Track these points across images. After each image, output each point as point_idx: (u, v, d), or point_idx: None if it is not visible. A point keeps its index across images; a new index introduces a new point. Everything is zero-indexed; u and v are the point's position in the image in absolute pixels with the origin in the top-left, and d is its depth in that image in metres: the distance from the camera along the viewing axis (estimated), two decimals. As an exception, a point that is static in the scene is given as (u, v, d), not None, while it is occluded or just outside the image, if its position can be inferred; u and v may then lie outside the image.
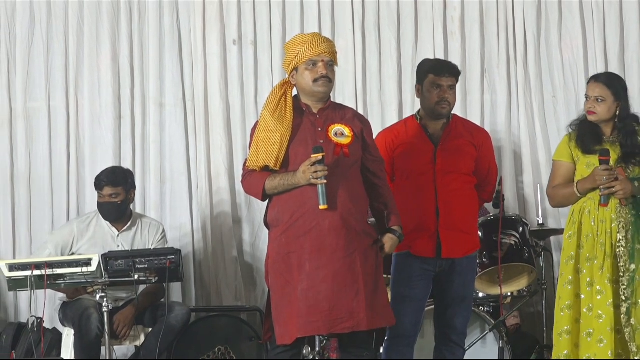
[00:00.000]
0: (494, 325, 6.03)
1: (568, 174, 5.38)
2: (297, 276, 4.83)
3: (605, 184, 5.18)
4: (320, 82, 4.89)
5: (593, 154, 5.27)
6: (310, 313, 4.78)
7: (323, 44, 4.90)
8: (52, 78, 7.11)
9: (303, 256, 4.83)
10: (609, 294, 5.16)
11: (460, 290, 5.35)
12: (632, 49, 7.04)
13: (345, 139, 4.90)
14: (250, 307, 6.87)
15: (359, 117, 5.07)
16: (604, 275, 5.18)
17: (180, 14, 7.15)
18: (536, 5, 7.09)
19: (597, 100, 5.29)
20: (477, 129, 5.57)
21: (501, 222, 5.97)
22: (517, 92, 7.11)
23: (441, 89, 5.32)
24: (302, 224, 4.84)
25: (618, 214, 5.23)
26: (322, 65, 4.88)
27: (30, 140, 7.09)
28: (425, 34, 7.14)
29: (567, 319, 5.24)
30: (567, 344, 5.22)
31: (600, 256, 5.20)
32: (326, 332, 4.83)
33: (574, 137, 5.37)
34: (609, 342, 5.13)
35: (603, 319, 5.15)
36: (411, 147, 5.37)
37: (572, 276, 5.26)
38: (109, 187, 6.21)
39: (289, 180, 4.84)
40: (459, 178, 5.32)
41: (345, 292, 4.79)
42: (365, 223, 4.94)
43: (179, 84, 7.13)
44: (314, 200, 4.81)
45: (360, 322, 4.79)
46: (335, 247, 4.81)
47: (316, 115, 4.96)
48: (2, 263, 5.69)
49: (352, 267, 4.82)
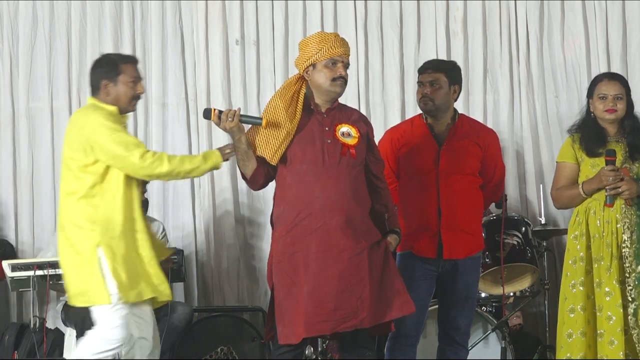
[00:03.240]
0: (496, 325, 6.03)
1: (572, 175, 5.35)
2: (303, 276, 4.82)
3: (611, 185, 5.17)
4: (338, 82, 4.92)
5: (598, 156, 5.25)
6: (316, 314, 4.77)
7: (345, 46, 4.96)
8: (54, 78, 7.12)
9: (309, 256, 4.82)
10: (617, 295, 5.13)
11: (464, 290, 5.34)
12: (634, 49, 7.03)
13: (352, 140, 4.91)
14: (252, 307, 6.86)
15: (363, 119, 5.09)
16: (612, 276, 5.15)
17: (183, 14, 7.15)
18: (539, 5, 7.08)
19: (617, 98, 5.26)
20: (484, 130, 5.55)
21: (504, 222, 5.97)
22: (520, 91, 7.10)
23: (422, 86, 5.32)
24: (309, 224, 4.84)
25: (623, 214, 5.21)
26: (342, 66, 4.92)
27: (32, 141, 7.09)
28: (427, 34, 7.14)
29: (581, 321, 5.18)
30: (582, 346, 5.18)
31: (607, 257, 5.18)
32: (330, 332, 4.82)
33: (577, 138, 5.34)
34: (620, 343, 5.11)
35: (613, 320, 5.12)
36: (415, 146, 5.37)
37: (584, 277, 5.24)
38: None
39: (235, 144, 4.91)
40: (463, 178, 5.31)
41: (350, 292, 4.79)
42: (369, 223, 4.94)
43: (182, 84, 7.13)
44: (320, 200, 4.82)
45: (363, 321, 4.79)
46: (342, 247, 4.81)
47: (324, 115, 4.97)
48: (5, 263, 5.70)
49: (359, 267, 4.81)
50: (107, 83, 4.96)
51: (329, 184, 4.84)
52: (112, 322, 4.83)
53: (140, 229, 4.92)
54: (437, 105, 5.32)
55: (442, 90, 5.33)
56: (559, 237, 6.88)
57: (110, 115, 4.91)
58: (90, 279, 4.83)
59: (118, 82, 4.96)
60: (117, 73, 4.96)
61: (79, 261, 4.86)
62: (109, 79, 4.96)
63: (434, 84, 5.32)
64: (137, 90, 5.00)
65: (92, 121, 4.88)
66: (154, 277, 4.92)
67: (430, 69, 5.36)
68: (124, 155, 4.82)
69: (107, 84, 4.96)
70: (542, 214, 6.64)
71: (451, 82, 5.36)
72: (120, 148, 4.83)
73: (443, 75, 5.34)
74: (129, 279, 4.82)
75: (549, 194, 5.54)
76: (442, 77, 5.33)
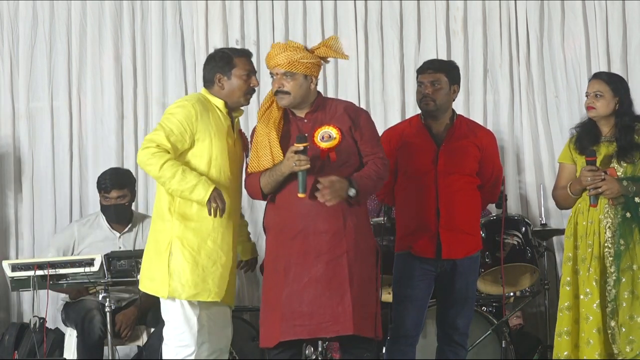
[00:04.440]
0: (495, 326, 6.02)
1: (570, 175, 5.39)
2: (283, 280, 4.85)
3: (591, 184, 5.19)
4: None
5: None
6: (292, 317, 4.81)
7: (270, 58, 4.94)
8: (54, 78, 7.12)
9: (290, 260, 4.86)
10: (595, 296, 5.18)
11: (463, 290, 5.34)
12: (634, 49, 7.03)
13: (332, 142, 4.84)
14: (252, 307, 6.86)
15: (349, 111, 4.99)
16: (591, 276, 5.20)
17: (183, 14, 7.16)
18: (539, 5, 7.08)
19: (596, 95, 5.30)
20: (482, 130, 5.56)
21: (504, 222, 5.96)
22: (520, 92, 7.10)
23: (423, 86, 5.32)
24: (290, 228, 4.87)
25: (606, 214, 5.24)
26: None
27: (32, 140, 7.10)
28: (427, 34, 7.14)
29: (567, 320, 5.25)
30: (567, 345, 5.24)
31: (588, 257, 5.23)
32: (307, 337, 4.85)
33: (574, 138, 5.39)
34: (595, 343, 5.15)
35: (589, 320, 5.18)
36: (414, 146, 5.36)
37: (571, 277, 5.28)
38: (115, 190, 6.18)
39: (276, 170, 4.85)
40: (461, 179, 5.31)
41: (329, 297, 4.79)
42: (360, 224, 4.91)
43: (182, 84, 7.13)
44: (300, 205, 4.83)
45: (347, 327, 4.78)
46: (319, 252, 4.82)
47: (303, 120, 4.95)
48: (5, 263, 5.71)
49: (337, 271, 4.81)
50: (220, 77, 4.97)
51: (308, 190, 4.82)
52: (177, 327, 4.88)
53: (225, 225, 4.90)
54: (439, 105, 5.32)
55: (443, 91, 5.33)
56: (559, 237, 6.88)
57: (198, 104, 4.89)
58: (158, 269, 4.87)
59: (232, 75, 4.96)
60: (231, 67, 4.96)
61: (154, 248, 4.92)
62: (223, 73, 4.97)
63: (435, 84, 5.31)
64: (251, 84, 5.00)
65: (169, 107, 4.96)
66: (222, 280, 4.91)
67: (431, 69, 5.35)
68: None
69: (220, 78, 4.97)
70: (542, 214, 6.65)
71: (451, 82, 5.37)
72: (151, 134, 4.86)
73: (444, 75, 5.34)
74: (192, 277, 4.84)
75: (549, 194, 5.57)
76: (443, 77, 5.33)
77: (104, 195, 6.22)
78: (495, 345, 6.06)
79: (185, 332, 4.88)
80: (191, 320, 4.88)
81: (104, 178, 6.23)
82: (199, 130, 4.87)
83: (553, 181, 6.91)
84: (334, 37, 5.02)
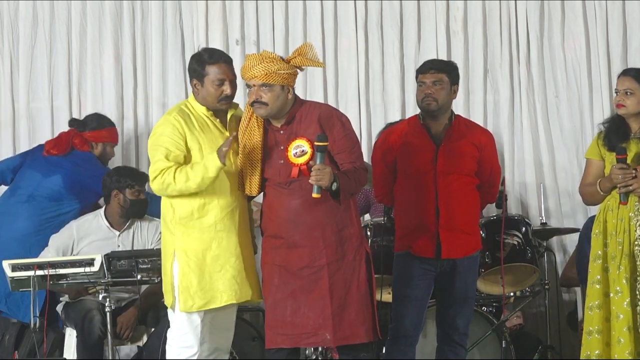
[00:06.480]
0: (495, 326, 6.03)
1: (598, 171, 5.34)
2: (268, 287, 4.93)
3: (622, 183, 5.17)
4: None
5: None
6: (276, 326, 4.88)
7: (245, 70, 4.93)
8: (54, 78, 7.12)
9: (274, 269, 4.92)
10: (626, 294, 5.13)
11: (462, 290, 5.34)
12: (634, 49, 7.03)
13: (305, 157, 4.85)
14: (252, 307, 6.85)
15: (322, 120, 4.92)
16: (622, 274, 5.15)
17: (183, 13, 7.16)
18: (539, 5, 7.08)
19: (626, 93, 5.24)
20: (480, 130, 5.56)
21: (504, 222, 5.96)
22: (520, 92, 7.10)
23: (425, 86, 5.31)
24: (275, 238, 4.92)
25: (636, 211, 5.20)
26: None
27: (33, 141, 7.09)
28: (428, 34, 7.14)
29: (597, 318, 5.18)
30: (598, 344, 5.16)
31: (618, 255, 5.18)
32: (290, 346, 4.89)
33: (602, 134, 5.35)
34: (626, 342, 5.10)
35: (620, 319, 5.13)
36: (413, 146, 5.36)
37: (600, 275, 5.22)
38: (137, 186, 6.20)
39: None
40: (460, 179, 5.31)
41: (310, 308, 4.83)
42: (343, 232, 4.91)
43: (182, 84, 7.13)
44: (281, 218, 4.88)
45: (325, 339, 4.85)
46: (300, 264, 4.86)
47: (280, 131, 4.95)
48: (5, 263, 5.70)
49: (317, 283, 4.84)
50: (196, 82, 5.00)
51: (286, 203, 4.88)
52: (181, 329, 4.93)
53: (227, 227, 4.92)
54: (440, 105, 5.32)
55: (444, 91, 5.33)
56: (559, 237, 6.89)
57: (179, 114, 4.97)
58: (165, 280, 4.97)
59: (204, 82, 4.98)
60: (204, 74, 4.96)
61: (163, 259, 5.01)
62: (198, 79, 4.99)
63: (437, 84, 5.31)
64: (223, 92, 5.00)
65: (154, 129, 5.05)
66: (234, 281, 4.93)
67: (432, 69, 5.35)
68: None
69: (196, 84, 5.00)
70: (542, 214, 6.65)
71: (452, 83, 5.38)
72: (151, 165, 4.96)
73: (445, 76, 5.34)
74: (200, 286, 4.89)
75: (549, 194, 5.54)
76: (445, 77, 5.34)
77: (130, 191, 6.18)
78: (495, 345, 6.06)
79: (188, 334, 4.93)
80: (195, 322, 4.93)
81: (124, 175, 6.22)
82: (187, 139, 4.92)
83: (553, 181, 6.96)
84: (308, 44, 4.96)
